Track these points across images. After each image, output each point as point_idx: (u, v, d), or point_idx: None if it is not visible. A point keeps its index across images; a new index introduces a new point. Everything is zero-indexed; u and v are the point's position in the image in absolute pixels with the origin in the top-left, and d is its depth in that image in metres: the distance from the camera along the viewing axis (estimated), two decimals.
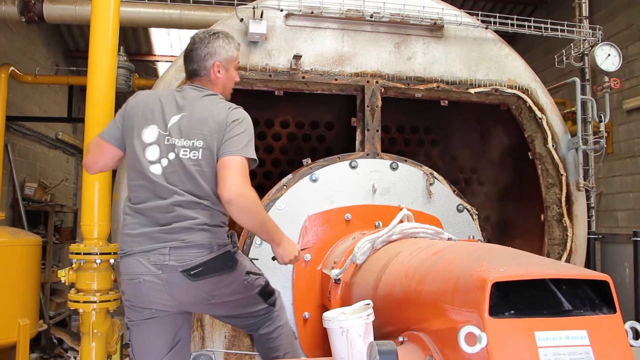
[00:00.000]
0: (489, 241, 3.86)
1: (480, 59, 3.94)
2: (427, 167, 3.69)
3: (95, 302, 2.96)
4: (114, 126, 2.57)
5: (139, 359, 2.45)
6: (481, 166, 4.77)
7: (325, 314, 1.91)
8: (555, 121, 4.02)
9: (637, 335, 1.48)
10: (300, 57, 3.62)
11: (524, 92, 3.96)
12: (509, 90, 3.94)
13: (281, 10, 3.65)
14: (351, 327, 1.82)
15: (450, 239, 2.64)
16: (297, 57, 3.61)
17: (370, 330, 1.87)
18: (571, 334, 1.40)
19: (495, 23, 3.95)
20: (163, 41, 9.92)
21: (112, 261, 3.02)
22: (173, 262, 2.32)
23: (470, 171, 4.87)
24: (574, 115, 4.52)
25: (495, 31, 4.00)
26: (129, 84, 6.53)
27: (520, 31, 4.05)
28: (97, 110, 3.02)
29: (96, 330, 2.98)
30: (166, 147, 2.42)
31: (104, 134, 2.58)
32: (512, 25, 3.98)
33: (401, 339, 1.80)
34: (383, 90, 3.77)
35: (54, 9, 5.71)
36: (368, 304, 1.95)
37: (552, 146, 3.97)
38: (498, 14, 3.99)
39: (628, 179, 7.04)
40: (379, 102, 3.73)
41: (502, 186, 4.57)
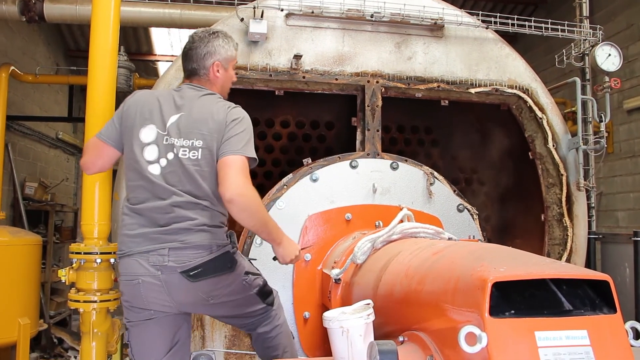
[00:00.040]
0: (489, 241, 3.86)
1: (480, 59, 3.94)
2: (427, 167, 3.69)
3: (95, 301, 2.96)
4: (112, 126, 2.55)
5: (138, 359, 2.45)
6: (481, 166, 4.77)
7: (325, 314, 1.91)
8: (556, 121, 4.02)
9: (637, 335, 1.48)
10: (300, 56, 3.62)
11: (524, 92, 3.96)
12: (510, 90, 3.93)
13: (282, 10, 3.65)
14: (351, 326, 1.82)
15: (450, 238, 2.64)
16: (297, 57, 3.61)
17: (370, 330, 1.86)
18: (571, 334, 1.40)
19: (496, 23, 3.95)
20: (163, 41, 9.92)
21: (113, 261, 3.02)
22: (172, 263, 2.32)
23: (470, 171, 4.87)
24: (575, 115, 4.52)
25: (495, 31, 4.00)
26: (129, 83, 6.53)
27: (521, 31, 4.05)
28: (98, 110, 3.02)
29: (96, 329, 2.98)
30: (165, 147, 2.41)
31: (101, 134, 2.56)
32: (513, 25, 3.98)
33: (401, 338, 1.80)
34: (383, 90, 3.77)
35: (54, 9, 5.71)
36: (368, 304, 1.95)
37: (553, 146, 3.96)
38: (498, 14, 3.99)
39: (628, 178, 7.04)
40: (380, 102, 3.73)
41: (503, 186, 4.57)
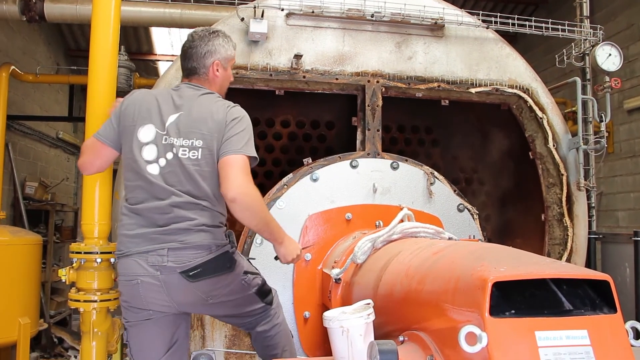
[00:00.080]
0: (489, 241, 3.86)
1: (481, 59, 3.94)
2: (427, 167, 3.69)
3: (95, 301, 2.95)
4: (109, 126, 2.53)
5: (137, 359, 2.45)
6: (482, 166, 4.77)
7: (325, 314, 1.91)
8: (556, 121, 4.02)
9: (637, 335, 1.48)
10: (301, 56, 3.62)
11: (524, 92, 3.96)
12: (510, 90, 3.93)
13: (282, 10, 3.65)
14: (352, 326, 1.82)
15: (450, 238, 2.63)
16: (297, 57, 3.61)
17: (370, 329, 1.86)
18: (572, 334, 1.40)
19: (496, 23, 3.95)
20: (164, 40, 9.92)
21: (113, 260, 3.01)
22: (171, 263, 2.31)
23: (470, 171, 4.87)
24: (575, 115, 4.52)
25: (496, 31, 4.00)
26: (129, 83, 6.53)
27: (521, 31, 4.05)
28: (98, 110, 3.01)
29: (97, 329, 2.98)
30: (164, 147, 2.40)
31: (99, 134, 2.55)
32: (513, 25, 3.98)
33: (402, 338, 1.80)
34: (384, 89, 3.77)
35: (54, 8, 5.71)
36: (368, 304, 1.95)
37: (553, 146, 3.96)
38: (499, 14, 3.99)
39: (629, 178, 7.04)
40: (380, 102, 3.73)
41: (503, 186, 4.57)
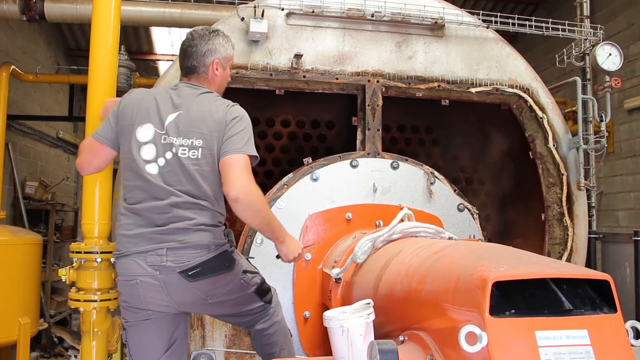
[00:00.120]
0: (489, 240, 3.86)
1: (481, 59, 3.94)
2: (427, 167, 3.69)
3: (95, 300, 2.96)
4: (108, 126, 2.52)
5: (136, 359, 2.45)
6: (482, 166, 4.77)
7: (325, 313, 1.90)
8: (556, 120, 4.01)
9: (637, 335, 1.48)
10: (301, 56, 3.62)
11: (525, 92, 3.96)
12: (510, 90, 3.93)
13: (282, 9, 3.65)
14: (352, 326, 1.81)
15: (450, 238, 2.63)
16: (298, 56, 3.61)
17: (370, 329, 1.86)
18: (572, 334, 1.40)
19: (497, 22, 3.96)
20: (164, 40, 9.92)
21: (113, 260, 3.01)
22: (171, 263, 2.31)
23: (471, 170, 4.87)
24: (575, 115, 4.51)
25: (496, 30, 4.00)
26: (129, 83, 6.53)
27: (521, 30, 4.05)
28: (98, 109, 3.01)
29: (97, 329, 2.98)
30: (163, 146, 2.39)
31: (97, 134, 2.54)
32: (513, 25, 3.98)
33: (402, 338, 1.80)
34: (384, 89, 3.76)
35: (55, 8, 5.71)
36: (369, 303, 1.95)
37: (553, 145, 3.96)
38: (499, 14, 3.99)
39: (629, 178, 7.04)
40: (380, 102, 3.73)
41: (503, 186, 4.57)
